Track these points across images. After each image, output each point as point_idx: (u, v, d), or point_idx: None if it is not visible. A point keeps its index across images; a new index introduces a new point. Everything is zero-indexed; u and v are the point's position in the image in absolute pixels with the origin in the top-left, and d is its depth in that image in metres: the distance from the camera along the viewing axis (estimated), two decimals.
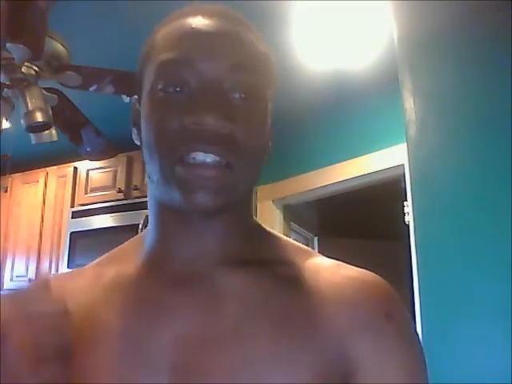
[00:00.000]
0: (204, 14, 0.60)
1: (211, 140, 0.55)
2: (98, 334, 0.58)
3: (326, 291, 0.59)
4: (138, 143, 0.65)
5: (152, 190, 0.64)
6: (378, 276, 0.63)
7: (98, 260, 0.69)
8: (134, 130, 0.65)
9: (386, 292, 0.61)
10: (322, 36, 2.45)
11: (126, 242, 0.70)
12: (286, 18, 2.32)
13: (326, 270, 0.62)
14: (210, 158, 0.55)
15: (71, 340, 0.57)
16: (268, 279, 0.60)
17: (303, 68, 2.69)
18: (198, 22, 0.59)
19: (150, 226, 0.66)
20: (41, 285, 0.59)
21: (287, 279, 0.60)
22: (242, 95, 0.58)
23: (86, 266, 0.69)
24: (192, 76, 0.57)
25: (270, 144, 0.65)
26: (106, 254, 0.69)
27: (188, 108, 0.56)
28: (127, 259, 0.65)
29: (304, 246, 0.69)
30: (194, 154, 0.55)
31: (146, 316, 0.58)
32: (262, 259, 0.63)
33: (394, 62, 1.74)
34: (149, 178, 0.62)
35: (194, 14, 0.60)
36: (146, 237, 0.66)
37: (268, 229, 0.68)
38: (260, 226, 0.68)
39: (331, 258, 0.66)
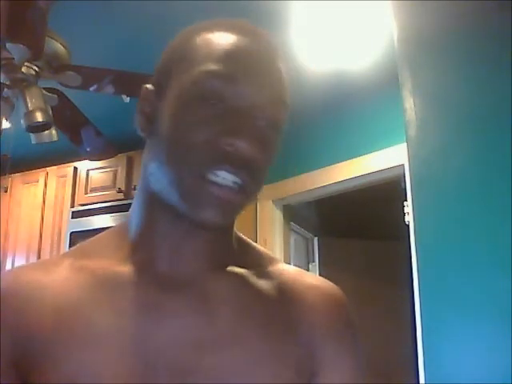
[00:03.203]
0: (244, 33, 0.61)
1: (239, 163, 0.56)
2: (94, 334, 0.57)
3: (295, 296, 0.65)
4: (143, 134, 0.64)
5: (148, 185, 0.63)
6: (335, 285, 0.70)
7: (71, 251, 0.67)
8: (141, 119, 0.64)
9: (344, 302, 0.68)
10: (321, 36, 2.45)
11: (103, 234, 0.69)
12: (285, 18, 2.32)
13: (292, 277, 0.68)
14: (230, 179, 0.57)
15: (57, 340, 0.57)
16: (251, 285, 0.64)
17: (303, 68, 2.69)
18: (244, 40, 0.60)
19: (134, 220, 0.65)
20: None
21: (266, 285, 0.65)
22: (268, 124, 0.59)
23: (57, 257, 0.66)
24: (232, 95, 0.57)
25: None
26: (80, 246, 0.68)
27: (225, 127, 0.56)
28: (110, 254, 0.64)
29: (271, 254, 0.73)
30: (218, 172, 0.56)
31: (140, 317, 0.59)
32: (242, 266, 0.66)
33: (394, 61, 1.74)
34: (151, 174, 0.62)
35: (234, 28, 0.61)
36: (131, 231, 0.65)
37: (243, 236, 0.71)
38: (238, 235, 0.70)
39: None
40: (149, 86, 0.64)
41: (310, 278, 0.69)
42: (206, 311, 0.59)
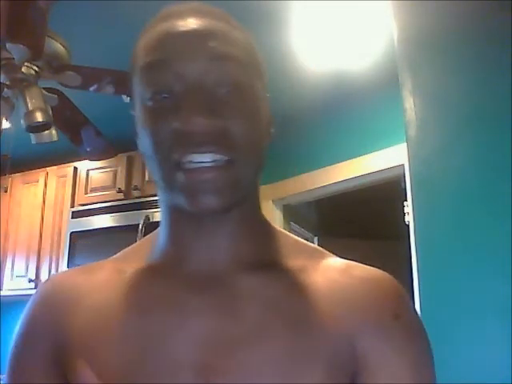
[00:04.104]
0: (182, 15, 0.59)
1: (203, 140, 0.55)
2: (116, 333, 0.58)
3: (335, 292, 0.60)
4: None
5: (162, 193, 0.64)
6: (386, 274, 0.64)
7: (116, 255, 0.69)
8: (133, 131, 0.65)
9: (394, 291, 0.62)
10: (321, 36, 2.45)
11: (142, 240, 0.71)
12: (285, 18, 2.32)
13: (335, 270, 0.63)
14: (207, 158, 0.55)
15: (92, 338, 0.59)
16: (281, 280, 0.61)
17: (303, 68, 2.69)
18: (176, 23, 0.58)
19: (161, 225, 0.66)
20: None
21: (299, 280, 0.61)
22: (228, 88, 0.57)
23: (106, 260, 0.69)
24: (174, 79, 0.56)
25: (270, 139, 0.64)
26: (124, 250, 0.70)
27: (175, 113, 0.55)
28: (143, 256, 0.66)
29: (314, 246, 0.69)
30: (189, 158, 0.55)
31: (164, 316, 0.59)
32: (273, 259, 0.63)
33: (394, 61, 1.74)
34: (155, 182, 0.62)
35: (172, 15, 0.60)
36: (158, 235, 0.66)
37: (278, 228, 0.69)
38: (269, 224, 0.68)
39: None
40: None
41: (358, 270, 0.63)
42: (232, 309, 0.58)
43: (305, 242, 0.69)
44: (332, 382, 0.55)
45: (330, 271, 0.63)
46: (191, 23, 0.58)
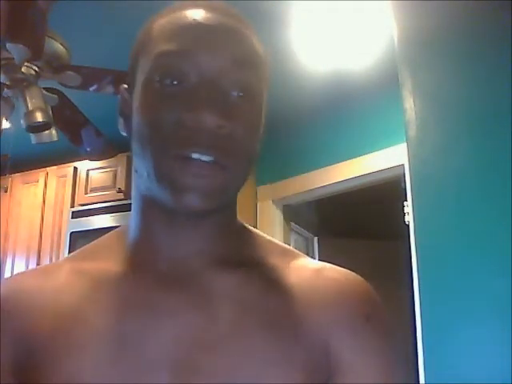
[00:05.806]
0: (203, 8, 0.59)
1: (209, 140, 0.54)
2: (88, 336, 0.56)
3: (309, 293, 0.60)
4: (125, 134, 0.64)
5: (138, 185, 0.62)
6: (358, 277, 0.65)
7: (73, 255, 0.67)
8: (121, 120, 0.64)
9: (365, 294, 0.63)
10: (321, 36, 2.45)
11: (104, 237, 0.68)
12: (285, 18, 2.32)
13: (309, 271, 0.63)
14: (205, 158, 0.54)
15: (56, 342, 0.56)
16: (255, 280, 0.60)
17: (303, 68, 2.69)
18: (198, 14, 0.58)
19: (132, 221, 0.64)
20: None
21: (273, 280, 0.61)
22: (240, 93, 0.56)
23: (60, 261, 0.66)
24: (192, 69, 0.55)
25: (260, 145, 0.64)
26: (82, 249, 0.67)
27: (187, 104, 0.54)
28: (109, 255, 0.63)
29: (287, 246, 0.69)
30: (190, 154, 0.54)
31: (138, 317, 0.57)
32: (248, 260, 0.63)
33: (394, 61, 1.74)
34: (136, 171, 0.61)
35: (193, 7, 0.59)
36: (128, 232, 0.64)
37: (251, 228, 0.68)
38: (244, 225, 0.67)
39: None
40: (125, 85, 0.64)
41: (330, 272, 0.63)
42: (207, 309, 0.57)
43: (279, 242, 0.68)
44: (308, 381, 0.55)
45: (303, 271, 0.63)
46: (218, 19, 0.58)
